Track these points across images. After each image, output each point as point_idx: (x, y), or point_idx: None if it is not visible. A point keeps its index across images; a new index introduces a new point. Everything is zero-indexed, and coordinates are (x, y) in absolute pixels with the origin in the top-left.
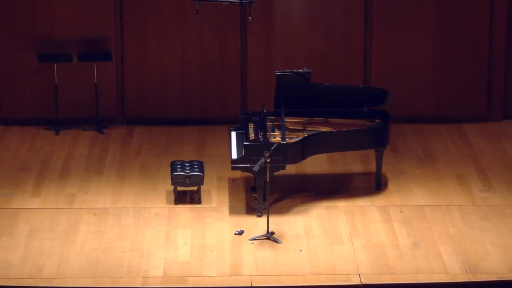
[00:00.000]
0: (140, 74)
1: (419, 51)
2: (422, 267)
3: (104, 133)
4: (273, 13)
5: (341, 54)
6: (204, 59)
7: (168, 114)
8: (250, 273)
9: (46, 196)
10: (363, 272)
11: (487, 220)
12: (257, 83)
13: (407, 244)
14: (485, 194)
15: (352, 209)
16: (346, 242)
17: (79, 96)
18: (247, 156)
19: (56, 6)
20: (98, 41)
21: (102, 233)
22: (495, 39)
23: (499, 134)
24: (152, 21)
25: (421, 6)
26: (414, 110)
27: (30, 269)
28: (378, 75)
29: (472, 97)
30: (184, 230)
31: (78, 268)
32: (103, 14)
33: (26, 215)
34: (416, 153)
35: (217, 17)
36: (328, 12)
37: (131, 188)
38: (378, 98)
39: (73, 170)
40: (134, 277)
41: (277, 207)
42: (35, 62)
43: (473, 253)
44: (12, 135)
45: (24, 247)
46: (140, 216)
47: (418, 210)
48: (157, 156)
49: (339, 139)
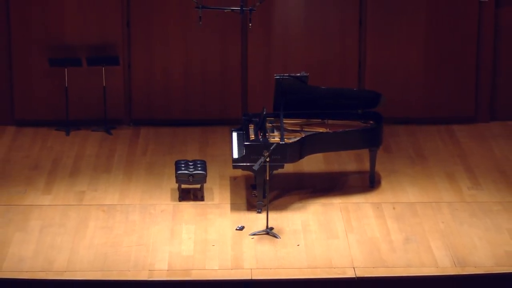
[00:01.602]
0: (146, 77)
1: (411, 56)
2: (413, 261)
3: (112, 134)
4: (272, 20)
5: (337, 59)
6: (207, 63)
7: (172, 115)
8: (251, 266)
9: (57, 194)
10: (357, 266)
11: (475, 216)
12: (257, 86)
13: (399, 239)
14: (473, 192)
15: (347, 206)
16: (342, 237)
17: (88, 98)
18: (248, 155)
19: (67, 13)
20: (106, 47)
21: (110, 228)
22: (482, 45)
23: (487, 135)
24: (157, 27)
25: (412, 13)
26: (406, 112)
27: (42, 263)
28: (372, 78)
29: (461, 99)
30: (188, 225)
31: (87, 262)
32: (111, 21)
33: (38, 212)
34: (408, 153)
35: (219, 24)
36: (324, 19)
37: (137, 185)
38: (371, 101)
39: (82, 169)
40: (141, 270)
41: (276, 204)
42: (46, 67)
43: (462, 247)
44: (25, 135)
45: (36, 241)
46: (146, 212)
47: (409, 206)
48: (162, 156)
49: (335, 140)
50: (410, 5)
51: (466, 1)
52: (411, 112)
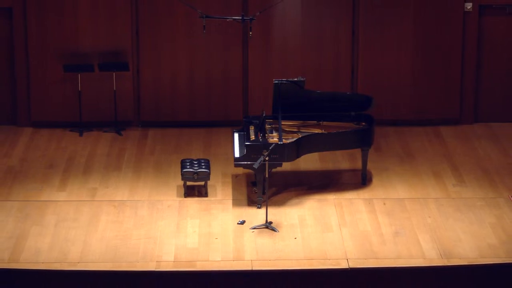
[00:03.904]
0: (154, 82)
1: (400, 63)
2: (402, 253)
3: (122, 135)
4: (272, 29)
5: (331, 65)
6: (210, 69)
7: (178, 117)
8: (251, 258)
9: (71, 190)
10: (350, 257)
11: (460, 211)
12: (257, 90)
13: (389, 232)
14: (458, 188)
15: (340, 201)
16: (336, 231)
17: (100, 102)
18: (248, 155)
19: (80, 23)
20: (117, 53)
21: (120, 222)
22: (466, 53)
23: (470, 135)
24: (164, 35)
25: (402, 23)
26: (396, 114)
27: (57, 255)
28: (364, 83)
29: (447, 103)
30: (192, 220)
31: (99, 254)
32: (121, 30)
33: (54, 207)
34: (397, 152)
35: (221, 32)
36: (320, 29)
37: (146, 183)
38: (363, 104)
39: (95, 167)
40: (148, 261)
41: (275, 200)
42: (61, 72)
43: (448, 240)
44: (41, 136)
45: (52, 235)
46: (154, 207)
47: (399, 202)
48: (169, 155)
49: (329, 140)
50: (399, 15)
51: (452, 11)
52: (400, 114)
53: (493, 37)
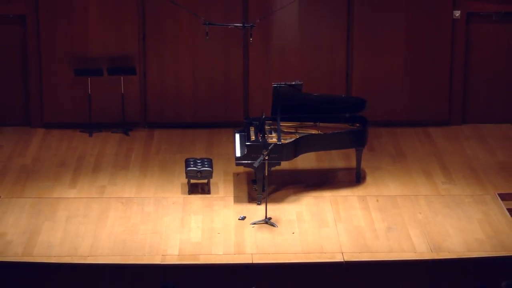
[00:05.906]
0: (160, 85)
1: (392, 67)
2: (394, 247)
3: (130, 135)
4: (271, 35)
5: (327, 68)
6: (212, 73)
7: (182, 119)
8: (251, 251)
9: (81, 188)
10: (345, 251)
11: (449, 208)
12: (257, 93)
13: (382, 227)
14: (447, 186)
15: (336, 198)
16: (331, 226)
17: (108, 104)
18: (249, 154)
19: (90, 29)
20: (125, 58)
21: (128, 218)
22: (455, 57)
23: (459, 136)
24: (169, 41)
25: (394, 28)
26: (388, 116)
27: (68, 249)
28: (358, 86)
29: (436, 105)
30: (196, 216)
31: (108, 248)
32: (129, 36)
33: (65, 203)
34: (390, 152)
35: (223, 38)
36: (316, 34)
37: (152, 181)
38: (358, 106)
39: (103, 166)
40: (154, 255)
41: (274, 197)
42: (72, 76)
43: (437, 235)
44: (53, 136)
45: (63, 230)
46: (159, 204)
47: (391, 199)
48: (173, 154)
49: (326, 140)
50: (391, 22)
51: (441, 18)
52: (393, 116)
53: (480, 43)
